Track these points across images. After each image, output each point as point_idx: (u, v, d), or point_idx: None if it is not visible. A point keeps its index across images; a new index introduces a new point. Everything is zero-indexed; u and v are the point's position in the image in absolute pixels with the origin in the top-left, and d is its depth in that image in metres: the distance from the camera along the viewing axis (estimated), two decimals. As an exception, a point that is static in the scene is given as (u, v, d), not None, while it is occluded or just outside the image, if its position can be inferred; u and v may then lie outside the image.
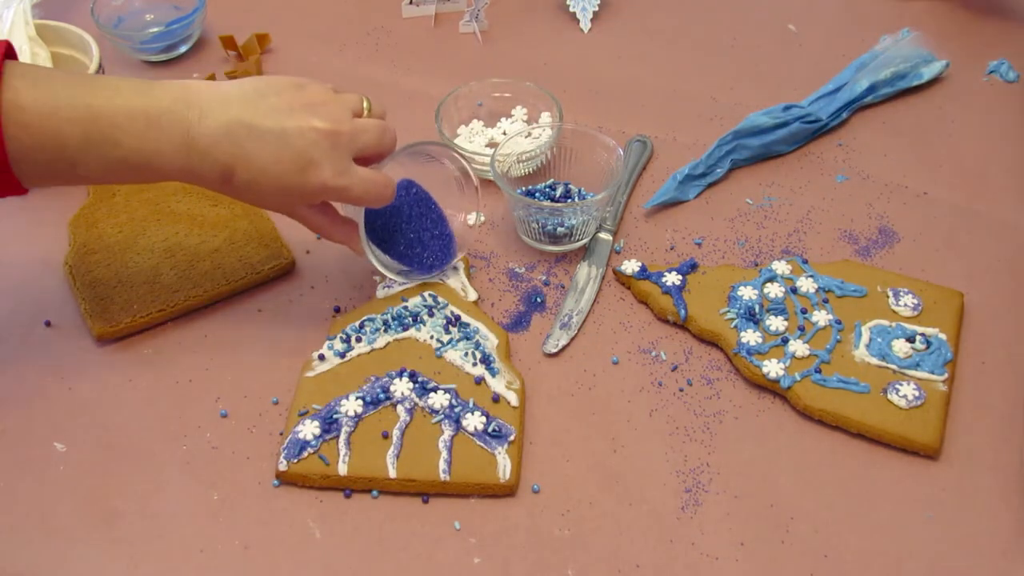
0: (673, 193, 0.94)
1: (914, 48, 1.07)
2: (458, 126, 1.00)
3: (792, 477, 0.75)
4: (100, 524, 0.73)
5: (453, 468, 0.74)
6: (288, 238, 0.90)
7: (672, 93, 1.07)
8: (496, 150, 0.90)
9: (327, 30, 1.15)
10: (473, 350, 0.80)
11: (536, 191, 0.92)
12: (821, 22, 1.16)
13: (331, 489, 0.74)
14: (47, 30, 1.01)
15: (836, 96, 1.03)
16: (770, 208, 0.94)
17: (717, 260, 0.90)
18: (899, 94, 1.05)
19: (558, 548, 0.71)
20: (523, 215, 0.88)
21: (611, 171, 0.88)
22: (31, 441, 0.77)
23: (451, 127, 0.99)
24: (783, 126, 0.98)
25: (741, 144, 0.97)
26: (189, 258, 0.88)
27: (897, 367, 0.79)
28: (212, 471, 0.76)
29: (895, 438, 0.76)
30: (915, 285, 0.85)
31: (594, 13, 1.15)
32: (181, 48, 1.11)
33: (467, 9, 1.14)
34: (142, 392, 0.80)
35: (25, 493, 0.74)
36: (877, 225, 0.93)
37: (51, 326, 0.85)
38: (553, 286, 0.88)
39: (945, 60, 1.07)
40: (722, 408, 0.79)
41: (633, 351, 0.83)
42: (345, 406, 0.76)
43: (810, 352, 0.80)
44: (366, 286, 0.88)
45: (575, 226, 0.88)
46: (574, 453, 0.76)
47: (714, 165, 0.96)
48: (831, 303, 0.83)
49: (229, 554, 0.71)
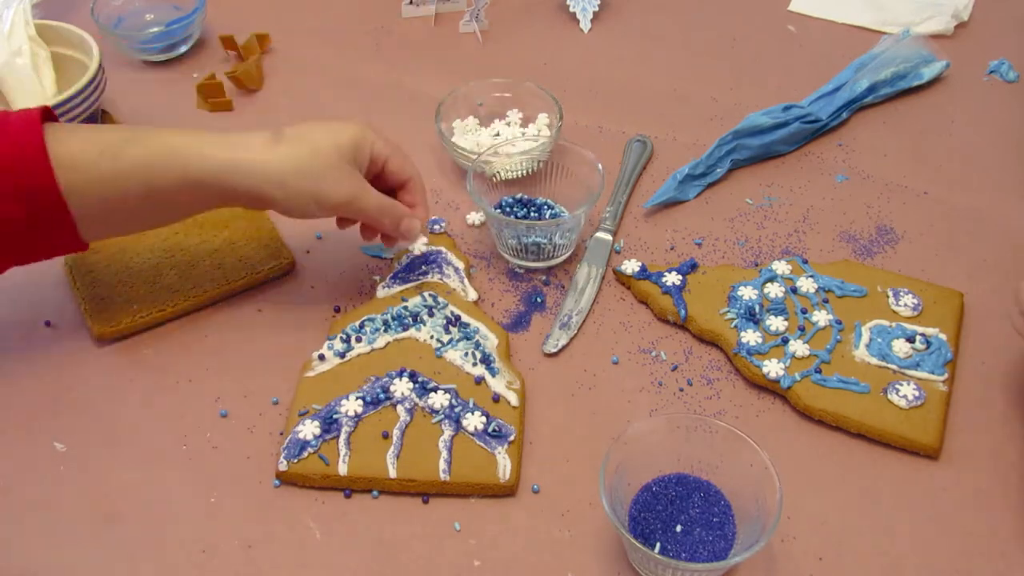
0: (673, 193, 0.94)
1: (914, 48, 1.07)
2: (454, 123, 0.99)
3: (791, 477, 0.74)
4: (100, 524, 0.73)
5: (453, 468, 0.74)
6: (288, 238, 0.90)
7: (672, 93, 1.07)
8: (473, 162, 0.89)
9: (327, 30, 1.15)
10: (473, 350, 0.80)
11: (509, 203, 0.91)
12: (821, 23, 1.16)
13: (331, 489, 0.74)
14: (47, 30, 1.01)
15: (836, 96, 1.03)
16: (770, 208, 0.94)
17: (717, 260, 0.90)
18: (899, 94, 1.05)
19: (558, 549, 0.71)
20: (496, 229, 0.88)
21: (591, 188, 0.87)
22: (31, 441, 0.77)
23: (450, 126, 0.99)
24: (783, 126, 0.98)
25: (741, 144, 0.97)
26: (189, 258, 0.88)
27: (897, 367, 0.79)
28: (212, 471, 0.76)
29: (895, 438, 0.76)
30: (915, 285, 0.85)
31: (594, 13, 1.15)
32: (181, 48, 1.11)
33: (467, 9, 1.14)
34: (142, 392, 0.81)
35: (25, 493, 0.74)
36: (877, 225, 0.93)
37: (51, 326, 0.85)
38: (553, 286, 0.88)
39: (945, 60, 1.07)
40: (722, 408, 0.79)
41: (633, 351, 0.83)
42: (345, 406, 0.76)
43: (810, 352, 0.80)
44: (366, 286, 0.88)
45: (550, 244, 0.87)
46: (574, 453, 0.76)
47: (714, 165, 0.96)
48: (831, 303, 0.83)
49: (229, 554, 0.71)
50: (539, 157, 0.91)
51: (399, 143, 0.82)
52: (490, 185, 0.91)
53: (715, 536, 0.70)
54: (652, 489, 0.72)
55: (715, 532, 0.70)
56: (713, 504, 0.71)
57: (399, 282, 0.86)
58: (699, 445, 0.72)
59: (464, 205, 0.95)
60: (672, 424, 0.72)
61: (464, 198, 0.95)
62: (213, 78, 1.06)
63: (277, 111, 1.05)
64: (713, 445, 0.71)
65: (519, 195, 0.91)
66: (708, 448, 0.71)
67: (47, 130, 0.70)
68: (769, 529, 0.65)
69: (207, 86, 1.05)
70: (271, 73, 1.09)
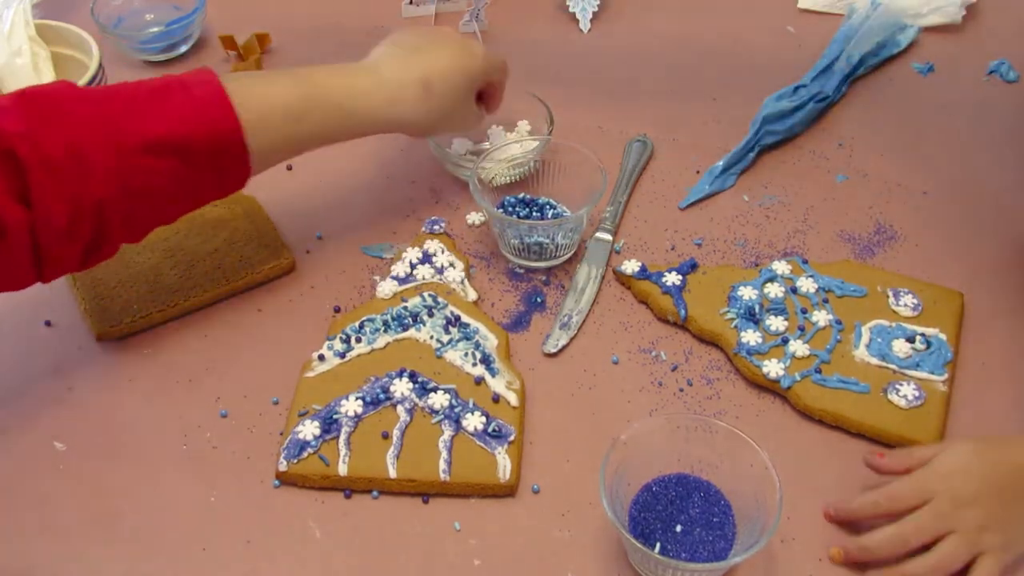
0: (709, 189, 0.95)
1: (887, 17, 1.10)
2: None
3: (792, 477, 0.74)
4: (100, 524, 0.73)
5: (453, 468, 0.74)
6: (288, 238, 0.90)
7: (672, 93, 1.07)
8: (477, 161, 0.89)
9: (327, 30, 1.15)
10: (473, 350, 0.80)
11: (511, 203, 0.91)
12: (819, 24, 1.16)
13: (331, 489, 0.74)
14: (47, 30, 1.01)
15: (833, 70, 1.05)
16: (770, 208, 0.94)
17: (717, 261, 0.90)
18: (899, 94, 1.06)
19: (558, 549, 0.71)
20: (499, 229, 0.88)
21: (592, 189, 0.87)
22: (31, 441, 0.77)
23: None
24: (800, 108, 1.00)
25: (768, 130, 0.98)
26: (189, 258, 0.88)
27: (897, 367, 0.79)
28: (212, 471, 0.76)
29: (895, 438, 0.76)
30: (915, 285, 0.85)
31: (594, 13, 1.15)
32: (181, 48, 1.11)
33: (467, 9, 1.14)
34: (142, 392, 0.81)
35: (25, 493, 0.74)
36: (877, 225, 0.93)
37: (51, 326, 0.85)
38: (553, 286, 0.88)
39: (917, 26, 1.10)
40: (722, 408, 0.79)
41: (633, 351, 0.83)
42: (345, 406, 0.76)
43: (810, 352, 0.80)
44: (366, 286, 0.88)
45: (552, 243, 0.87)
46: (574, 453, 0.76)
47: (746, 153, 0.97)
48: (831, 303, 0.83)
49: (229, 555, 0.71)
50: (533, 160, 0.91)
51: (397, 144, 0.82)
52: (492, 187, 0.91)
53: (715, 536, 0.70)
54: (652, 489, 0.72)
55: (715, 532, 0.70)
56: (713, 504, 0.71)
57: (399, 282, 0.86)
58: (699, 445, 0.72)
59: (464, 205, 0.95)
60: (672, 424, 0.72)
61: (464, 198, 0.95)
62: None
63: (277, 111, 1.05)
64: (713, 445, 0.71)
65: (521, 195, 0.91)
66: (708, 448, 0.71)
67: (231, 94, 0.73)
68: (769, 529, 0.65)
69: (207, 86, 1.05)
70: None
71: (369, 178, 0.97)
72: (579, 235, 0.89)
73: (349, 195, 0.96)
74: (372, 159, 0.99)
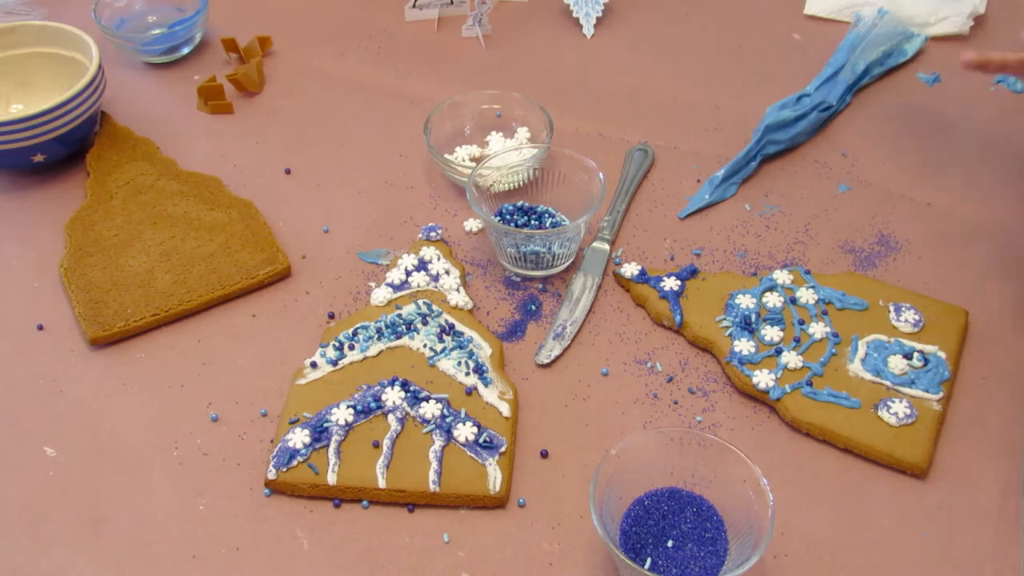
0: (709, 198, 0.94)
1: (893, 26, 1.09)
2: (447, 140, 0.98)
3: (785, 493, 0.74)
4: (89, 530, 0.72)
5: (443, 479, 0.73)
6: (284, 243, 0.90)
7: (674, 101, 1.06)
8: (475, 168, 0.88)
9: (329, 33, 1.15)
10: (466, 359, 0.80)
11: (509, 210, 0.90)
12: (825, 31, 1.15)
13: (320, 499, 0.74)
14: (47, 30, 1.01)
15: (838, 79, 1.04)
16: (771, 218, 0.93)
17: (716, 271, 0.89)
18: (904, 103, 1.05)
19: (548, 562, 0.71)
20: (495, 238, 0.87)
21: (591, 196, 0.86)
22: (21, 445, 0.77)
23: (439, 139, 0.97)
24: (803, 117, 1.00)
25: (770, 139, 0.98)
26: (184, 262, 0.87)
27: (891, 384, 0.78)
28: (202, 478, 0.75)
29: (882, 455, 0.74)
30: (919, 301, 0.83)
31: (597, 19, 1.15)
32: (183, 50, 1.11)
33: (470, 13, 1.13)
34: (134, 397, 0.80)
35: (14, 498, 0.74)
36: (879, 236, 0.92)
37: (43, 329, 0.85)
38: (550, 294, 0.87)
39: (924, 35, 1.10)
40: (717, 421, 0.78)
41: (628, 362, 0.82)
42: (336, 415, 0.76)
43: (803, 364, 0.79)
44: (361, 292, 0.87)
45: (549, 253, 0.86)
46: (566, 465, 0.76)
47: (748, 162, 0.97)
48: (830, 315, 0.82)
49: (217, 562, 0.71)
50: (532, 166, 0.91)
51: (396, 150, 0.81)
52: (490, 194, 0.90)
53: (707, 552, 0.69)
54: (644, 503, 0.71)
55: (707, 548, 0.69)
56: (705, 519, 0.70)
57: (394, 289, 0.85)
58: (692, 459, 0.71)
59: (461, 212, 0.94)
60: (665, 437, 0.71)
61: (462, 204, 0.94)
62: (214, 80, 1.05)
63: (277, 114, 1.05)
64: (706, 459, 0.70)
65: (520, 203, 0.91)
66: (701, 462, 0.71)
67: None
68: (761, 546, 0.65)
69: (207, 88, 1.05)
70: (272, 76, 1.09)
71: (367, 183, 0.97)
72: (577, 244, 0.88)
73: (346, 200, 0.95)
74: (370, 164, 0.99)
